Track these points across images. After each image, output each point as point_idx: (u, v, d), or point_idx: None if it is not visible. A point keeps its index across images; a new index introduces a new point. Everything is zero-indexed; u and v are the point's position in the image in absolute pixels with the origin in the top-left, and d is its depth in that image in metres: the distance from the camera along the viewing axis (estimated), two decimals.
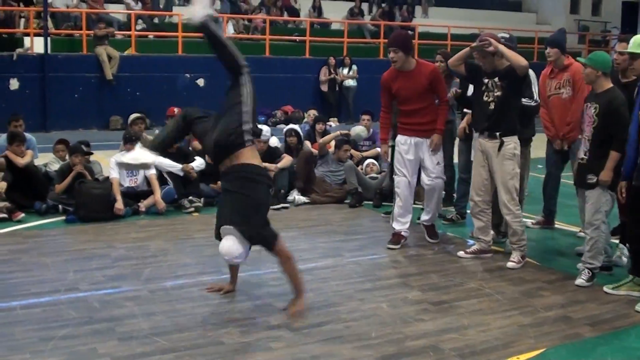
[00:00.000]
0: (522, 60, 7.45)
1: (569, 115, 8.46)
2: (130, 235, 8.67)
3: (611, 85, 7.04)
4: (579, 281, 7.14)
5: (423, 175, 8.51)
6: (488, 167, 7.77)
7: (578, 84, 8.38)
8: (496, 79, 7.60)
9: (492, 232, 8.12)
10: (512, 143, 7.66)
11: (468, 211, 8.91)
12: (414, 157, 8.37)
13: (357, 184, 10.69)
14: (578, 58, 7.35)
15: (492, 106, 7.64)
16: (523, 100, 7.97)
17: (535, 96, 8.32)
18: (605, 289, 7.01)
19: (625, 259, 7.81)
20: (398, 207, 8.48)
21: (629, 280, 6.99)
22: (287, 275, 6.18)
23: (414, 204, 8.89)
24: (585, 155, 7.16)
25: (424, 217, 8.71)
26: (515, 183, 7.70)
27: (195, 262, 7.60)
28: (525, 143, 8.27)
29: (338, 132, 11.67)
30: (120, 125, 18.26)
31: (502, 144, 7.60)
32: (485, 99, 7.69)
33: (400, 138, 8.47)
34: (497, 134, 7.62)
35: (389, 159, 9.28)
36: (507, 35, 8.01)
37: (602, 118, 6.94)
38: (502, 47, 7.47)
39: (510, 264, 7.69)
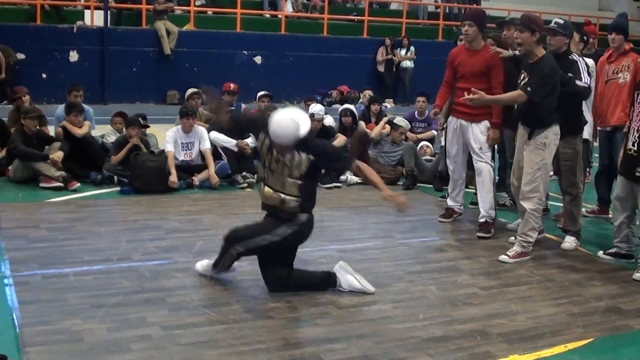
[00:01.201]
0: (516, 99, 7.32)
1: (626, 100, 8.33)
2: (183, 208, 8.76)
3: None
4: (637, 275, 6.98)
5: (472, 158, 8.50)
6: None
7: (639, 70, 8.29)
8: (525, 79, 7.29)
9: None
10: (543, 133, 7.27)
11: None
12: (460, 138, 8.42)
13: (414, 166, 10.64)
14: None
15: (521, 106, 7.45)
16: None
17: (585, 80, 7.97)
18: (634, 275, 6.94)
19: None
20: (450, 186, 8.74)
21: None
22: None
23: (467, 187, 8.87)
24: (634, 146, 7.02)
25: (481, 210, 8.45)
26: (542, 174, 7.36)
27: None
28: (574, 132, 7.84)
29: (386, 118, 11.51)
30: (176, 100, 18.41)
31: (532, 132, 7.31)
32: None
33: (450, 119, 8.52)
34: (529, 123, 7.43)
35: (441, 130, 9.30)
36: (560, 21, 7.78)
37: None
38: (489, 97, 7.40)
39: (502, 257, 7.39)
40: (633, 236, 7.47)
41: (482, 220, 8.34)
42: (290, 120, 5.64)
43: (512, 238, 7.85)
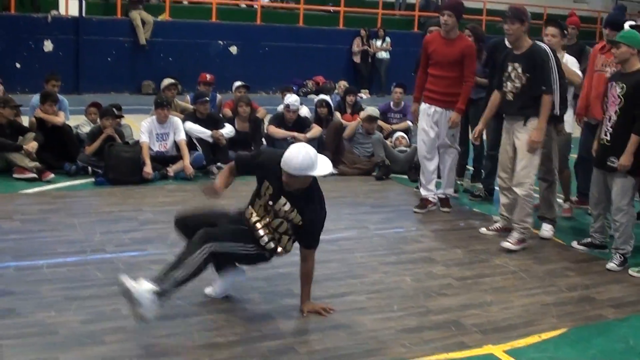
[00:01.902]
0: (549, 105, 7.41)
1: None
2: (158, 200, 8.74)
3: None
4: (611, 265, 7.07)
5: (439, 145, 8.72)
6: (514, 145, 7.68)
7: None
8: (518, 67, 7.44)
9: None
10: (535, 120, 7.43)
11: (496, 188, 8.85)
12: (434, 126, 8.61)
13: (384, 157, 10.68)
14: (618, 36, 7.13)
15: (509, 96, 7.55)
16: None
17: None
18: (630, 271, 6.98)
19: None
20: (422, 175, 8.86)
21: None
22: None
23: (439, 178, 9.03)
24: (606, 135, 7.08)
25: (440, 190, 8.95)
26: (535, 161, 7.56)
27: None
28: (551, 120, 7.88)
29: (358, 121, 11.43)
30: (152, 90, 18.34)
31: (527, 120, 7.44)
32: (504, 88, 7.61)
33: (423, 106, 8.67)
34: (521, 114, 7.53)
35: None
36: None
37: (629, 99, 6.84)
38: (541, 123, 7.39)
39: (505, 244, 7.49)
40: (608, 227, 7.51)
41: (443, 196, 8.85)
42: (311, 151, 5.31)
43: (484, 230, 8.05)
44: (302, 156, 5.20)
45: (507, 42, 7.80)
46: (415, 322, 5.56)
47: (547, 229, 8.05)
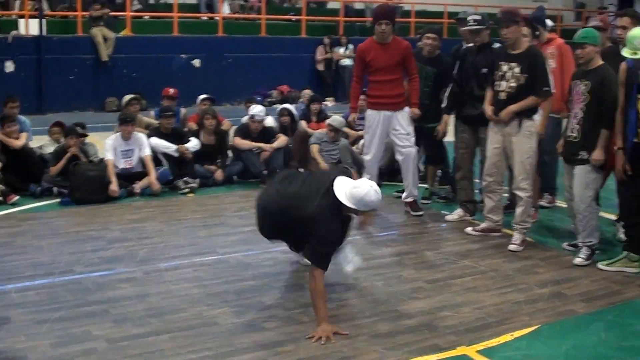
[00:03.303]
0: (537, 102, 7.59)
1: (559, 85, 8.45)
2: (125, 217, 8.66)
3: (602, 62, 7.01)
4: (578, 260, 7.12)
5: (395, 148, 8.85)
6: (503, 148, 7.72)
7: (563, 57, 8.57)
8: (516, 67, 7.50)
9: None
10: (530, 121, 7.55)
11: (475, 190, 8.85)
12: (383, 131, 8.76)
13: (351, 163, 10.67)
14: (581, 37, 7.19)
15: (503, 96, 7.59)
16: None
17: None
18: (599, 265, 7.03)
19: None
20: (367, 175, 8.84)
21: (624, 256, 7.02)
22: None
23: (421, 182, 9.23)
24: (572, 132, 7.14)
25: (405, 194, 9.00)
26: (532, 161, 7.63)
27: (189, 243, 7.59)
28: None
29: (317, 147, 11.34)
30: (116, 107, 18.17)
31: (521, 122, 7.51)
32: (497, 88, 7.65)
33: (369, 113, 8.84)
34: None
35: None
36: (478, 17, 8.20)
37: (595, 95, 6.91)
38: (514, 108, 7.49)
39: (512, 247, 7.60)
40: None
41: (411, 199, 8.91)
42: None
43: (470, 229, 8.18)
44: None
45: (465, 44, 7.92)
46: (388, 327, 5.56)
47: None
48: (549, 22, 8.78)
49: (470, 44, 8.45)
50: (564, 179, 7.50)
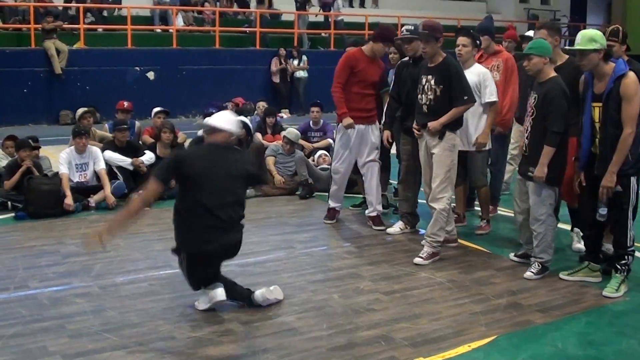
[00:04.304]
0: (465, 111, 7.72)
1: (501, 98, 8.54)
2: (81, 231, 8.58)
3: (554, 74, 6.98)
4: (528, 274, 7.12)
5: (360, 161, 8.86)
6: (430, 160, 7.75)
7: (508, 69, 8.71)
8: (431, 80, 7.59)
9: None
10: (452, 135, 7.60)
11: (422, 200, 8.90)
12: (356, 144, 8.76)
13: (307, 175, 10.69)
14: (527, 48, 7.26)
15: (424, 109, 7.67)
16: None
17: None
18: (561, 275, 7.09)
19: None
20: (334, 189, 9.04)
21: (585, 266, 7.08)
22: None
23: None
24: (525, 146, 7.18)
25: (369, 209, 9.01)
26: (452, 175, 7.64)
27: (145, 257, 7.56)
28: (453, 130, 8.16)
29: (272, 159, 11.37)
30: (70, 120, 18.06)
31: (443, 134, 7.55)
32: (420, 101, 7.73)
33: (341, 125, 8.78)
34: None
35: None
36: (411, 28, 8.24)
37: (540, 109, 6.92)
38: (443, 120, 7.53)
39: (417, 260, 7.54)
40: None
41: (374, 214, 8.89)
42: None
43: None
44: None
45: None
46: (345, 340, 5.56)
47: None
48: (530, 33, 8.74)
49: (405, 58, 8.55)
50: (514, 190, 7.57)
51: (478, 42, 8.46)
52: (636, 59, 7.32)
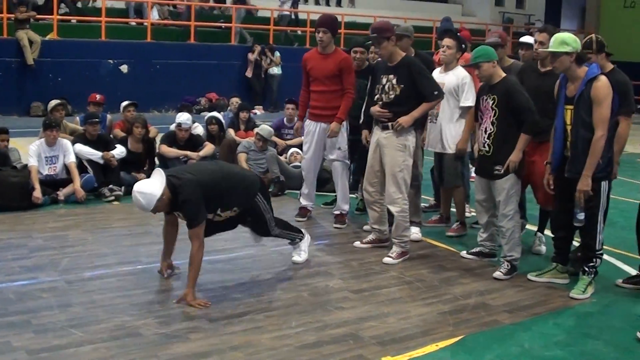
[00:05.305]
0: (431, 107, 7.80)
1: None
2: (48, 225, 8.52)
3: (504, 74, 7.19)
4: (497, 274, 7.17)
5: (326, 160, 8.95)
6: (380, 157, 7.76)
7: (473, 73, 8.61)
8: (393, 79, 7.58)
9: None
10: (404, 135, 7.59)
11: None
12: (319, 142, 8.78)
13: (279, 173, 10.67)
14: (472, 58, 7.33)
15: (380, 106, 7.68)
16: None
17: None
18: (529, 276, 7.13)
19: (544, 247, 7.97)
20: (304, 187, 9.11)
21: (553, 267, 7.12)
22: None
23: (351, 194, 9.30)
24: (484, 147, 7.25)
25: (334, 207, 9.11)
26: (405, 175, 7.61)
27: (113, 252, 7.50)
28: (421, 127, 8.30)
29: (244, 156, 11.29)
30: (41, 112, 17.93)
31: (394, 135, 7.57)
32: (378, 101, 7.71)
33: (308, 122, 8.85)
34: (390, 124, 7.60)
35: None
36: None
37: (504, 107, 7.04)
38: (408, 118, 7.51)
39: (387, 259, 7.57)
40: (497, 235, 7.63)
41: (338, 212, 8.95)
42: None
43: (358, 243, 8.15)
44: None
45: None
46: (314, 338, 5.55)
47: (415, 231, 8.25)
48: (529, 39, 8.72)
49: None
50: (475, 191, 7.60)
51: (463, 45, 8.46)
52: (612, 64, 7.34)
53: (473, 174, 7.96)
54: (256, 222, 6.91)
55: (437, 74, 8.31)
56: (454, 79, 8.17)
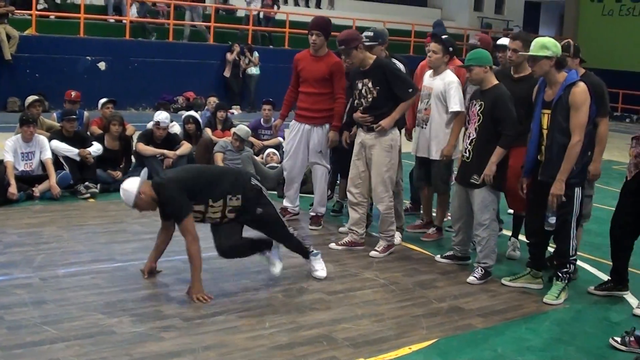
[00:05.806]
0: (408, 107, 7.92)
1: None
2: (23, 221, 8.47)
3: (497, 82, 7.16)
4: (471, 278, 7.22)
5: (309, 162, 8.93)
6: (365, 159, 7.84)
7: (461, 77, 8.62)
8: (368, 82, 7.67)
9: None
10: (389, 135, 7.71)
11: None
12: (302, 142, 8.74)
13: (254, 174, 10.63)
14: (466, 60, 7.36)
15: (362, 111, 7.76)
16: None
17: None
18: (503, 281, 7.18)
19: (518, 252, 8.01)
20: (285, 187, 9.17)
21: (527, 272, 7.17)
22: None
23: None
24: (466, 152, 7.27)
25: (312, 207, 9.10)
26: (392, 174, 7.78)
27: (88, 250, 7.47)
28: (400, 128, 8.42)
29: (220, 155, 11.33)
30: (18, 107, 17.81)
31: (380, 136, 7.66)
32: (357, 106, 7.82)
33: (293, 123, 8.84)
34: (374, 126, 7.68)
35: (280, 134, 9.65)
36: (371, 34, 8.13)
37: (488, 115, 7.05)
38: (389, 120, 7.62)
39: (373, 253, 7.78)
40: (470, 241, 7.68)
41: (314, 214, 8.97)
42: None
43: (333, 245, 8.16)
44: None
45: None
46: (287, 338, 5.57)
47: (395, 236, 8.26)
48: (506, 41, 8.69)
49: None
50: (452, 196, 7.64)
51: (450, 49, 8.45)
52: (589, 70, 7.41)
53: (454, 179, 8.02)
54: (269, 218, 6.92)
55: (427, 79, 8.37)
56: (440, 84, 8.17)
